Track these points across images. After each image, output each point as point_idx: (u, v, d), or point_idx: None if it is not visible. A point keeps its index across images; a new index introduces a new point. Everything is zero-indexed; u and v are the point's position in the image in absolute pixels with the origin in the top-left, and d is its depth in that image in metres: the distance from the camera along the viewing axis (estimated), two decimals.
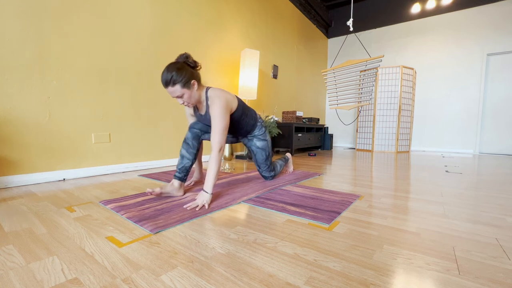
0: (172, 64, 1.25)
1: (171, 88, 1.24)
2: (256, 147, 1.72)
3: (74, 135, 1.86)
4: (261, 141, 1.71)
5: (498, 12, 4.26)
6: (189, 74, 1.26)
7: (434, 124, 4.90)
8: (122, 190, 1.53)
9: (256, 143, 1.71)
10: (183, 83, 1.24)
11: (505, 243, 0.85)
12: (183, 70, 1.24)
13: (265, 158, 1.75)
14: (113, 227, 0.96)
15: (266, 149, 1.73)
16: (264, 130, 1.73)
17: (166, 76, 1.22)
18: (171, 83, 1.23)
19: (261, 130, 1.71)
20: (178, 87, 1.24)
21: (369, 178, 2.00)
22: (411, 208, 1.24)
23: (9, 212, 1.12)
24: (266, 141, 1.73)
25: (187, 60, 1.29)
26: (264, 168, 1.78)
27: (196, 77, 1.32)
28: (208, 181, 1.24)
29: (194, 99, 1.34)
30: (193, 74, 1.29)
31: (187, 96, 1.29)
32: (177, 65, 1.24)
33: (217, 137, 1.28)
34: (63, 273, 0.65)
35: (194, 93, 1.32)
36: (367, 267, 0.69)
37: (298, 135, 3.90)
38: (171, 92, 1.26)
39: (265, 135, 1.73)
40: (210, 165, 1.26)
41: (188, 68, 1.27)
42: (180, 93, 1.26)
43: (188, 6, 2.64)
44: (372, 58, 3.32)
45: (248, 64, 3.09)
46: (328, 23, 5.86)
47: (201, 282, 0.62)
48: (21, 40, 1.59)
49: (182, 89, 1.25)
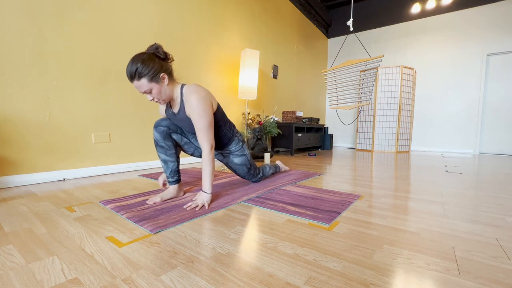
0: (138, 55, 1.11)
1: (136, 82, 1.11)
2: (234, 164, 1.57)
3: (74, 135, 1.86)
4: (238, 157, 1.55)
5: (498, 12, 4.26)
6: (157, 66, 1.12)
7: (434, 124, 4.90)
8: (122, 190, 1.53)
9: (234, 159, 1.55)
10: (150, 76, 1.10)
11: (505, 243, 0.85)
12: (150, 61, 1.10)
13: (247, 171, 1.61)
14: (113, 227, 0.96)
15: (246, 163, 1.58)
16: (242, 145, 1.55)
17: (131, 69, 1.08)
18: (136, 76, 1.09)
19: (238, 145, 1.53)
20: (145, 81, 1.10)
21: (369, 178, 2.00)
22: (411, 208, 1.24)
23: (9, 212, 1.12)
24: (245, 156, 1.56)
25: (157, 51, 1.15)
26: (249, 177, 1.66)
27: (166, 70, 1.17)
28: (205, 181, 1.21)
29: (165, 95, 1.19)
30: (163, 66, 1.15)
31: (156, 92, 1.15)
32: (143, 56, 1.10)
33: (204, 136, 1.19)
34: (63, 273, 0.65)
35: (164, 88, 1.17)
36: (367, 267, 0.69)
37: (298, 135, 3.90)
38: (137, 87, 1.12)
39: (243, 150, 1.55)
40: (204, 166, 1.21)
41: (156, 60, 1.13)
42: (147, 88, 1.12)
43: (188, 6, 2.63)
44: (372, 58, 3.32)
45: (248, 64, 3.09)
46: (328, 23, 5.86)
47: (201, 282, 0.62)
48: (21, 40, 1.59)
49: (149, 84, 1.11)
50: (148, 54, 1.12)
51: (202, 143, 1.21)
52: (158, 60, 1.14)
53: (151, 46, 1.15)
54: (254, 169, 1.66)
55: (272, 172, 1.89)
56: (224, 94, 3.19)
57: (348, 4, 5.74)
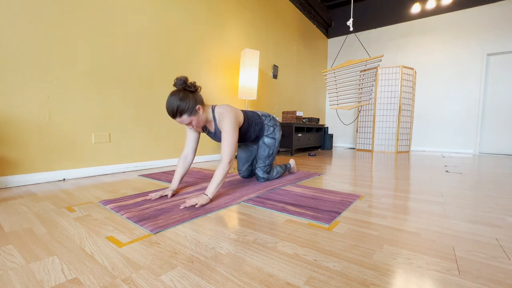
0: (173, 94, 1.25)
1: (179, 119, 1.28)
2: (263, 142, 1.73)
3: (74, 135, 1.86)
4: (269, 138, 1.73)
5: (498, 12, 4.26)
6: (192, 101, 1.28)
7: (434, 124, 4.90)
8: (122, 190, 1.53)
9: (265, 139, 1.73)
10: (190, 111, 1.27)
11: (505, 243, 0.85)
12: (185, 99, 1.25)
13: (267, 155, 1.73)
14: (113, 227, 0.96)
15: (271, 147, 1.73)
16: (273, 129, 1.74)
17: (172, 109, 1.24)
18: (178, 114, 1.25)
19: (269, 130, 1.73)
20: (186, 116, 1.28)
21: (369, 178, 2.00)
22: (411, 208, 1.24)
23: (9, 212, 1.12)
24: (274, 140, 1.73)
25: (186, 85, 1.28)
26: (261, 164, 1.73)
27: (200, 101, 1.33)
28: (211, 187, 1.26)
29: (203, 122, 1.38)
30: (196, 99, 1.30)
31: (196, 122, 1.33)
32: (179, 95, 1.25)
33: (228, 150, 1.32)
34: (63, 273, 0.65)
35: (201, 117, 1.35)
36: (367, 267, 0.69)
37: (298, 135, 3.90)
38: (180, 122, 1.30)
39: (274, 133, 1.74)
40: (217, 173, 1.28)
41: (189, 95, 1.28)
42: (189, 121, 1.30)
43: (189, 6, 2.63)
44: (372, 58, 3.32)
45: (248, 64, 3.09)
46: (328, 23, 5.86)
47: (201, 282, 0.62)
48: (21, 40, 1.59)
49: (189, 117, 1.29)
50: (181, 91, 1.27)
51: (224, 155, 1.32)
52: (191, 95, 1.29)
53: (179, 80, 1.27)
54: (271, 161, 1.77)
55: (278, 175, 1.89)
56: (224, 94, 3.19)
57: (348, 4, 5.74)
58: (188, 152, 1.47)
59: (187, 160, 1.46)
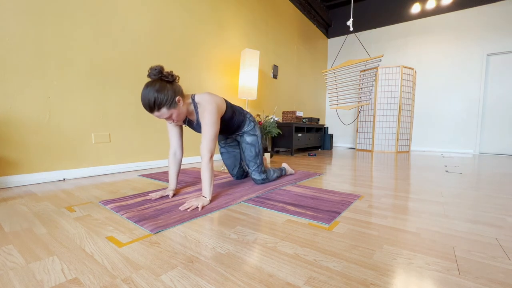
0: (149, 86, 1.12)
1: (157, 113, 1.16)
2: (245, 142, 1.63)
3: (74, 135, 1.86)
4: (250, 136, 1.63)
5: (498, 12, 4.26)
6: (171, 92, 1.15)
7: (434, 124, 4.90)
8: (122, 190, 1.53)
9: (246, 138, 1.63)
10: (169, 104, 1.15)
11: (505, 243, 0.85)
12: (163, 90, 1.12)
13: (254, 155, 1.63)
14: (113, 227, 0.96)
15: (255, 144, 1.63)
16: (253, 125, 1.66)
17: (149, 102, 1.11)
18: (156, 108, 1.13)
19: (250, 125, 1.64)
20: (165, 110, 1.16)
21: (369, 178, 2.00)
22: (411, 208, 1.24)
23: (9, 212, 1.12)
24: (255, 136, 1.64)
25: (162, 75, 1.15)
26: (254, 167, 1.64)
27: (179, 92, 1.21)
28: (205, 188, 1.24)
29: (183, 114, 1.26)
30: (175, 90, 1.18)
31: (176, 115, 1.21)
32: (155, 86, 1.12)
33: (208, 145, 1.24)
34: (63, 273, 0.65)
35: (181, 110, 1.23)
36: (367, 267, 0.69)
37: (298, 135, 3.90)
38: (158, 116, 1.18)
39: (254, 130, 1.65)
40: (203, 173, 1.23)
41: (167, 85, 1.15)
42: (168, 114, 1.18)
43: (188, 6, 2.63)
44: (371, 58, 3.32)
45: (248, 64, 3.09)
46: (328, 23, 5.86)
47: (201, 282, 0.62)
48: (21, 40, 1.59)
49: (169, 111, 1.17)
50: (157, 82, 1.13)
51: (203, 151, 1.24)
52: (169, 85, 1.16)
53: (153, 70, 1.14)
54: (261, 159, 1.68)
55: (277, 175, 1.82)
56: (224, 94, 3.19)
57: (348, 4, 5.74)
58: (175, 149, 1.40)
59: (176, 157, 1.41)
